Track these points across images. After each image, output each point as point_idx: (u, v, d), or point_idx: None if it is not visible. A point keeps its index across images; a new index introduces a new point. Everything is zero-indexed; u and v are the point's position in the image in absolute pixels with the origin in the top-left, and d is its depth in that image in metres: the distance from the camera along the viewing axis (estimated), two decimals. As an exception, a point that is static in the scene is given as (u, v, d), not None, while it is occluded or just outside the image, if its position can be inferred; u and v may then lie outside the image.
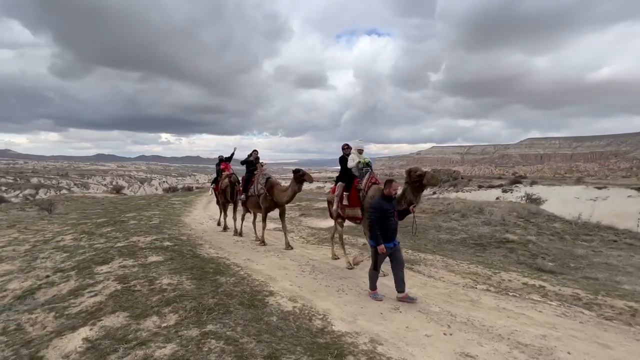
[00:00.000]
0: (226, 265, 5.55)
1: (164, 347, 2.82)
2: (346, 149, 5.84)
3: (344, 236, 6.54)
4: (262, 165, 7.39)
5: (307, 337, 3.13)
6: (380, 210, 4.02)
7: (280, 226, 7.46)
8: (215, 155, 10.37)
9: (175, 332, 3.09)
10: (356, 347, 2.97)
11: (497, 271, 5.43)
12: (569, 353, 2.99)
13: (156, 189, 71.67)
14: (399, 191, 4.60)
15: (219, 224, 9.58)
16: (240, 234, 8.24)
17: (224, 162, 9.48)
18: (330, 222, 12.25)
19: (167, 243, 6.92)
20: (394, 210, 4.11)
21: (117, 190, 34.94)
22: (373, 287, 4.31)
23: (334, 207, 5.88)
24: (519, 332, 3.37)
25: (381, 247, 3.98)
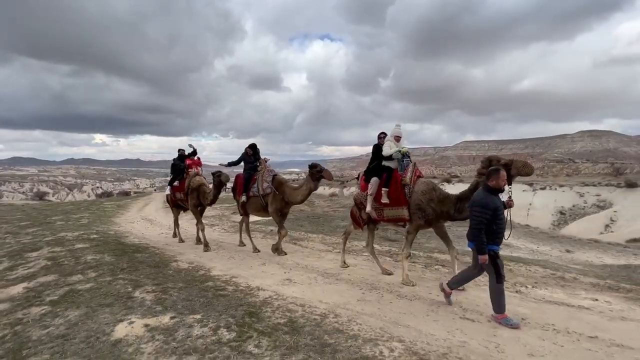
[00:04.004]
0: (145, 247, 6.97)
1: (85, 285, 4.31)
2: (382, 137, 5.05)
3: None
4: (265, 161, 6.56)
5: (189, 277, 4.84)
6: (491, 208, 3.23)
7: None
8: (159, 159, 8.89)
9: (95, 279, 4.57)
10: (219, 279, 4.76)
11: (352, 242, 7.66)
12: (348, 275, 5.13)
13: (88, 196, 66.00)
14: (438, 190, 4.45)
15: (174, 235, 8.14)
16: (256, 249, 6.74)
17: (188, 157, 8.26)
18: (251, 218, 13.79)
19: (95, 236, 8.02)
20: (503, 206, 3.40)
21: (40, 196, 32.31)
22: (501, 309, 3.30)
23: (368, 208, 4.89)
24: (330, 268, 5.47)
25: (484, 257, 3.24)
